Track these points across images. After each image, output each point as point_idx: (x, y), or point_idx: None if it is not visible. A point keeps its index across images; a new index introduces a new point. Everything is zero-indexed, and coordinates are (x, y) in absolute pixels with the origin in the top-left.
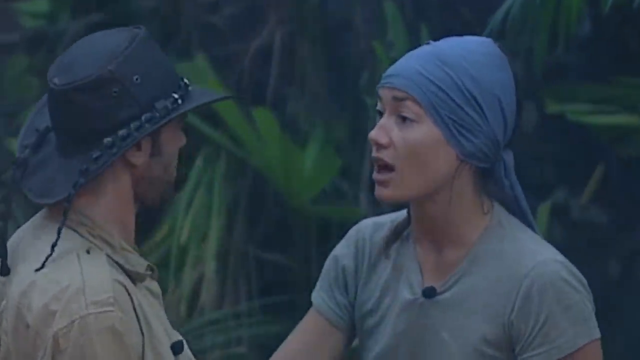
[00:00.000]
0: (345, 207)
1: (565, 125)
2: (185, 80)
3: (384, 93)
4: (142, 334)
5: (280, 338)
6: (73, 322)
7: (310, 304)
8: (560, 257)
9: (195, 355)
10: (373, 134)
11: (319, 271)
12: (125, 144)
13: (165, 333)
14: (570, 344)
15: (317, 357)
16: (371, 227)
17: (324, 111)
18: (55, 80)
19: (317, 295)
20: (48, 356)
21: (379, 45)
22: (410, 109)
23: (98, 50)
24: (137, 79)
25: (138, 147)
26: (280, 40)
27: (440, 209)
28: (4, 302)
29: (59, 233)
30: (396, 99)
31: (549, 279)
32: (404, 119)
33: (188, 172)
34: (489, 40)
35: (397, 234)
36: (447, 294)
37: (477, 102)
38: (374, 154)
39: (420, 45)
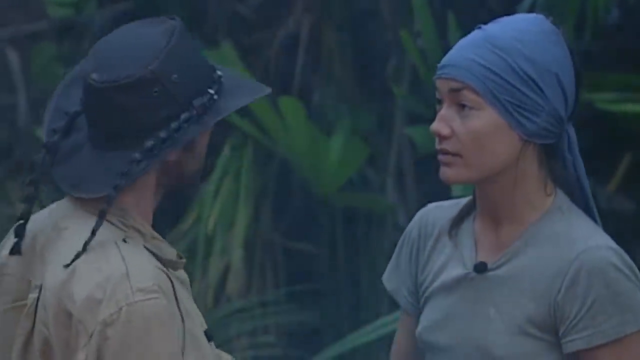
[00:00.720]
0: (371, 196)
1: (593, 114)
2: (219, 72)
3: (441, 84)
4: (183, 320)
5: (306, 326)
6: (120, 309)
7: (336, 291)
8: (613, 244)
9: (222, 344)
10: (435, 126)
11: (345, 259)
12: (166, 147)
13: (199, 319)
14: (616, 330)
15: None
16: (433, 210)
17: (351, 100)
18: (94, 76)
19: (393, 283)
20: (94, 344)
21: (405, 34)
22: (468, 97)
23: (137, 46)
24: (175, 78)
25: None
26: (307, 29)
27: (504, 190)
28: (32, 295)
29: (93, 232)
30: (453, 89)
31: (599, 263)
32: (463, 106)
33: (215, 160)
34: (541, 16)
35: (463, 216)
36: (498, 271)
37: (534, 82)
38: (438, 145)
39: (447, 35)
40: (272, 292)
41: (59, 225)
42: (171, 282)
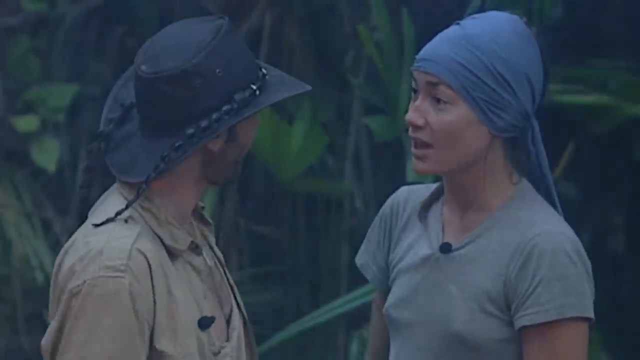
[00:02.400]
0: (330, 182)
1: (539, 104)
2: (264, 70)
3: (418, 76)
4: (155, 302)
5: (269, 305)
6: (84, 282)
7: (297, 272)
8: (570, 233)
9: None
10: (409, 116)
11: (306, 242)
12: (206, 135)
13: (196, 306)
14: (557, 311)
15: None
16: (406, 193)
17: (311, 91)
18: (143, 67)
19: (362, 259)
20: (61, 310)
21: (362, 28)
22: (444, 92)
23: (184, 41)
24: (219, 72)
25: (216, 134)
26: (269, 23)
27: (473, 180)
28: None
29: (126, 207)
30: (430, 83)
31: (550, 246)
32: (438, 100)
33: None
34: (516, 17)
35: (433, 199)
36: (461, 251)
37: (507, 81)
38: (411, 134)
39: (402, 29)
40: (237, 273)
41: (102, 200)
42: (149, 264)
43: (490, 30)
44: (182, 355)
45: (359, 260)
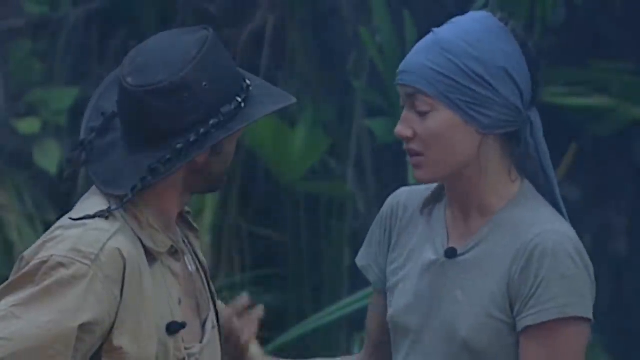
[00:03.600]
0: (332, 184)
1: (541, 106)
2: (247, 81)
3: (400, 90)
4: (121, 299)
5: (271, 308)
6: (52, 255)
7: (299, 274)
8: (572, 233)
9: None
10: (397, 129)
11: (308, 244)
12: (194, 149)
13: (168, 311)
14: (558, 310)
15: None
16: (406, 193)
17: (313, 93)
18: (129, 79)
19: (364, 261)
20: (15, 271)
21: (364, 31)
22: (422, 101)
23: (170, 54)
24: (205, 85)
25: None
26: (272, 26)
27: (471, 181)
28: None
29: (107, 211)
30: (409, 95)
31: (551, 246)
32: (420, 111)
33: None
34: (486, 14)
35: (435, 196)
36: (466, 256)
37: (483, 78)
38: (405, 146)
39: (404, 31)
40: (239, 275)
41: (81, 201)
42: (124, 263)
43: (461, 31)
44: (137, 357)
45: (360, 261)
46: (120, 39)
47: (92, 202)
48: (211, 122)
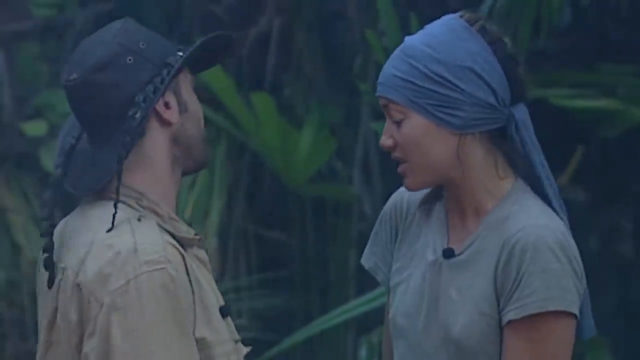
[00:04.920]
0: (339, 186)
1: (547, 109)
2: (180, 47)
3: (380, 102)
4: (193, 292)
5: (277, 310)
6: (129, 281)
7: (306, 276)
8: (555, 226)
9: None
10: (381, 140)
11: (315, 247)
12: (156, 96)
13: (214, 295)
14: (539, 305)
15: None
16: (407, 192)
17: (319, 95)
18: (73, 75)
19: (371, 261)
20: (104, 314)
21: (371, 33)
22: (394, 109)
23: (98, 38)
24: (143, 45)
25: (167, 105)
26: (278, 28)
27: (458, 182)
28: (58, 277)
29: (116, 198)
30: (383, 105)
31: (533, 240)
32: (394, 120)
33: None
34: (452, 16)
35: (435, 193)
36: (462, 256)
37: (447, 80)
38: (392, 155)
39: (410, 34)
40: (245, 278)
41: (82, 214)
42: (182, 255)
43: (425, 35)
44: (218, 342)
45: (366, 262)
46: None
47: (98, 211)
48: (164, 71)
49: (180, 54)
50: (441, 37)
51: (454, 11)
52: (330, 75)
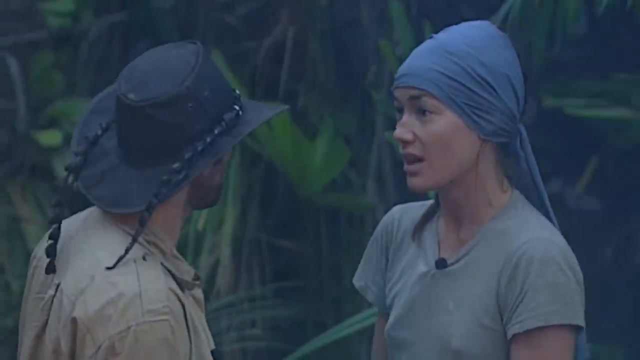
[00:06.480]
0: (352, 196)
1: (562, 119)
2: (237, 91)
3: (400, 93)
4: (190, 342)
5: (291, 320)
6: (129, 328)
7: (319, 286)
8: (559, 240)
9: (212, 336)
10: (398, 132)
11: (329, 257)
12: (203, 159)
13: (207, 339)
14: (544, 318)
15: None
16: (400, 211)
17: (333, 105)
18: (132, 96)
19: (362, 281)
20: (100, 356)
21: (385, 42)
22: (428, 103)
23: (169, 66)
24: (207, 94)
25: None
26: (292, 38)
27: (467, 191)
28: (50, 292)
29: (132, 243)
30: (413, 96)
31: (538, 254)
32: (424, 112)
33: None
34: (487, 22)
35: (426, 218)
36: (456, 266)
37: (489, 84)
38: (402, 150)
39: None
40: (259, 287)
41: (89, 232)
42: (182, 304)
43: (464, 36)
44: None
45: (357, 282)
46: (142, 51)
47: (108, 237)
48: (216, 130)
49: (237, 108)
50: (482, 41)
51: (468, 20)
52: (344, 85)
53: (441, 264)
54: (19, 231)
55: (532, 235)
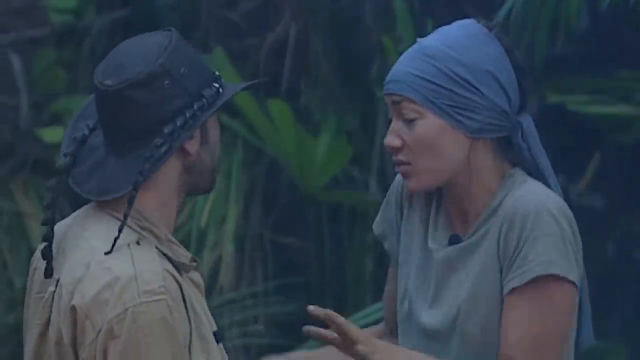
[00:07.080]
0: (355, 193)
1: (565, 115)
2: (217, 72)
3: (387, 99)
4: (190, 321)
5: (293, 316)
6: (126, 310)
7: (322, 283)
8: (558, 198)
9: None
10: (386, 140)
11: (330, 253)
12: (184, 132)
13: (208, 321)
14: (542, 268)
15: None
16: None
17: (336, 102)
18: (108, 82)
19: (380, 228)
20: (101, 341)
21: (387, 39)
22: (408, 108)
23: (143, 49)
24: (184, 70)
25: (191, 135)
26: (294, 34)
27: (463, 187)
28: (51, 288)
29: (122, 224)
30: (395, 102)
31: (533, 207)
32: (406, 119)
33: None
34: (470, 20)
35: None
36: (468, 241)
37: (468, 82)
38: (393, 157)
39: None
40: (262, 284)
41: (83, 225)
42: (179, 284)
43: (443, 38)
44: None
45: (376, 228)
46: None
47: (99, 224)
48: (196, 105)
49: (216, 85)
50: (462, 40)
51: (470, 17)
52: (346, 82)
53: (455, 239)
54: (21, 227)
55: (526, 191)
